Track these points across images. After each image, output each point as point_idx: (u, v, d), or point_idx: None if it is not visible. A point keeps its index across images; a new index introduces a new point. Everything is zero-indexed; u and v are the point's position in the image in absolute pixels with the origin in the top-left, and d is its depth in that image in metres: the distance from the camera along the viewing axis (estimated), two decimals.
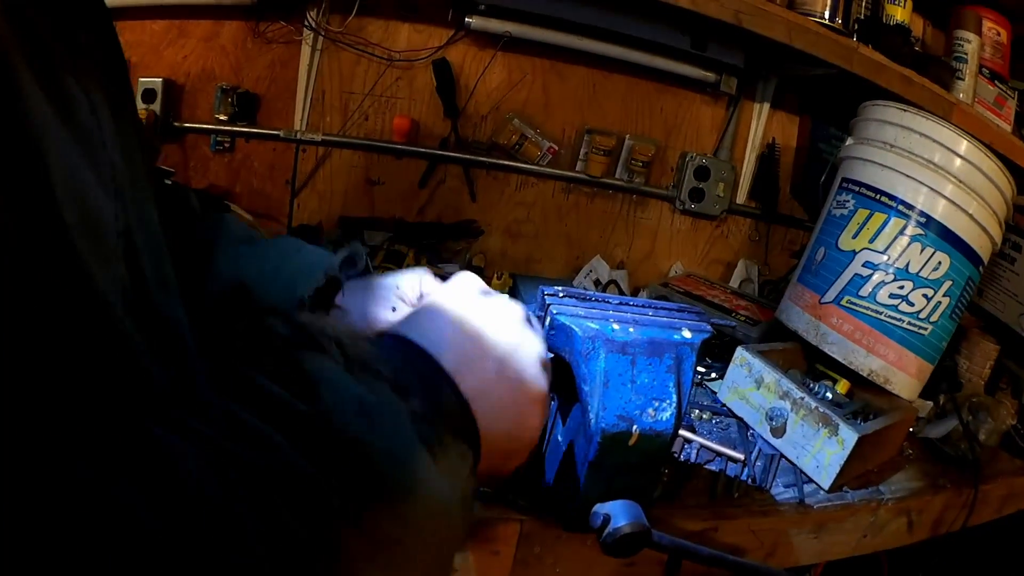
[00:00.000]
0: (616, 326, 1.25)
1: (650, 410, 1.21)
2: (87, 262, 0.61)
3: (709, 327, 1.35)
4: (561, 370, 1.29)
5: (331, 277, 1.30)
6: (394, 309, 1.30)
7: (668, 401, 1.23)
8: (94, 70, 0.78)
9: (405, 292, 1.32)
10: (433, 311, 0.96)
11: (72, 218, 0.59)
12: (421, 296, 1.31)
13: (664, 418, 1.22)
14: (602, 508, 1.26)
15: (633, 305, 1.36)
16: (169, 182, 1.42)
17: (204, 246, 1.30)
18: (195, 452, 0.59)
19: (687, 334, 1.30)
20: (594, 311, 1.29)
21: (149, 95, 2.48)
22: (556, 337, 1.27)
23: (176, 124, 2.56)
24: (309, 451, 0.65)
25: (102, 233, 0.67)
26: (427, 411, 0.77)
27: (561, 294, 1.33)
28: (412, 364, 0.84)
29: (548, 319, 1.27)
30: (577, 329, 1.23)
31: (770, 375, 1.96)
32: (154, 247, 0.83)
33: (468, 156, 2.73)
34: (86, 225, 0.62)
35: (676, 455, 1.72)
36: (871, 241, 2.09)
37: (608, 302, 1.35)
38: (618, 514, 1.23)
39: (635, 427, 1.20)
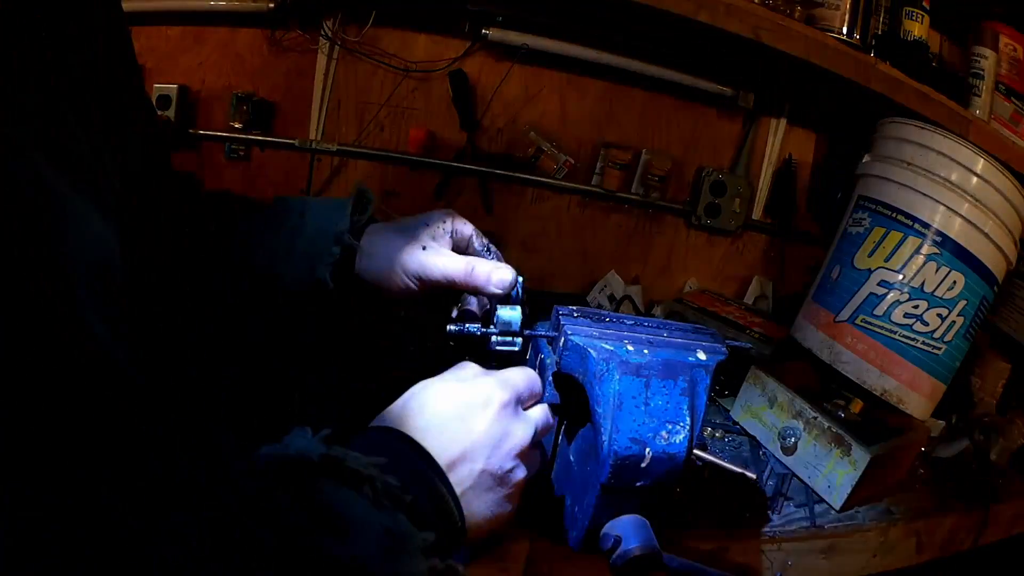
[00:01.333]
0: (630, 347, 1.25)
1: (663, 433, 1.21)
2: (87, 307, 0.61)
3: (724, 349, 1.34)
4: (574, 390, 1.29)
5: (346, 246, 1.31)
6: (424, 248, 1.32)
7: (682, 424, 1.22)
8: (91, 77, 0.78)
9: (436, 230, 1.34)
10: (426, 405, 1.07)
11: (79, 267, 0.60)
12: (452, 231, 1.33)
13: (677, 441, 1.22)
14: (612, 529, 1.26)
15: (648, 326, 1.36)
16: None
17: (217, 235, 1.32)
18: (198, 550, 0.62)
19: (702, 356, 1.29)
20: (608, 332, 1.29)
21: (164, 101, 2.48)
22: (570, 358, 1.26)
23: (191, 131, 2.56)
24: None
25: (100, 262, 0.67)
26: (438, 541, 0.86)
27: (576, 314, 1.33)
28: (421, 479, 0.96)
29: (562, 340, 1.27)
30: (591, 350, 1.22)
31: (783, 394, 1.96)
32: (165, 269, 0.83)
33: (484, 168, 2.72)
34: (91, 270, 0.63)
35: (689, 474, 1.71)
36: (887, 260, 2.08)
37: (623, 322, 1.35)
38: (629, 536, 1.23)
39: (648, 450, 1.20)
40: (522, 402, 1.17)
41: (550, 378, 1.34)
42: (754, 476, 1.68)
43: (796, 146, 3.01)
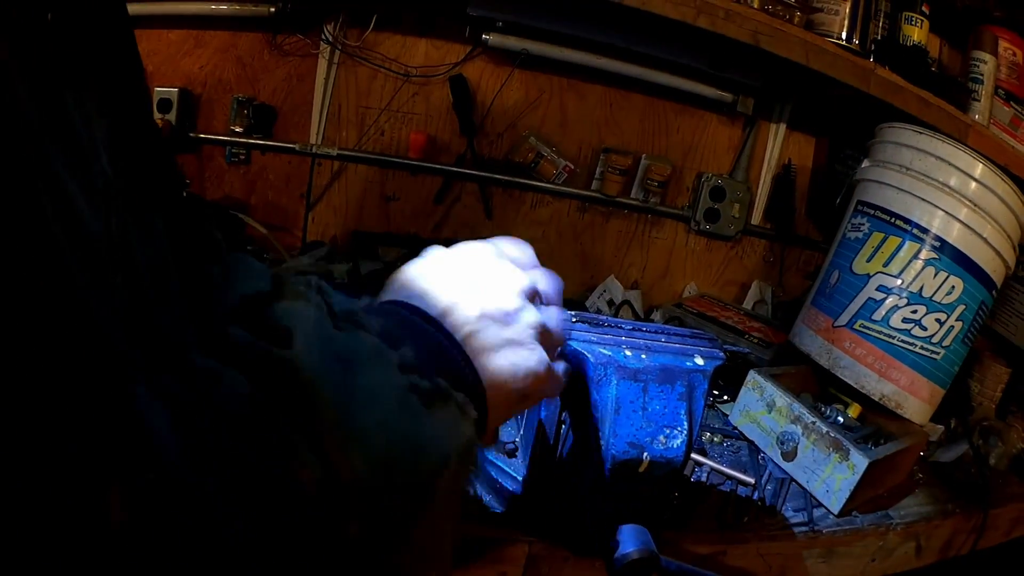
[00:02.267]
0: (628, 352, 1.25)
1: (661, 437, 1.22)
2: (75, 276, 0.61)
3: (722, 354, 1.35)
4: (575, 392, 1.29)
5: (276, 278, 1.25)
6: None
7: (679, 428, 1.23)
8: (93, 71, 0.78)
9: None
10: (404, 270, 0.93)
11: (58, 229, 0.59)
12: None
13: (675, 446, 1.22)
14: (611, 533, 1.26)
15: (646, 331, 1.36)
16: (186, 194, 1.41)
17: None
18: (166, 414, 0.59)
19: (700, 361, 1.30)
20: (607, 337, 1.30)
21: (165, 105, 2.49)
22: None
23: (192, 135, 2.56)
24: (278, 398, 0.62)
25: (89, 244, 0.67)
26: (419, 360, 0.73)
27: (574, 319, 1.33)
28: (398, 315, 0.82)
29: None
30: (589, 355, 1.23)
31: (782, 399, 1.96)
32: (157, 259, 0.83)
33: (484, 173, 2.72)
34: (73, 239, 0.63)
35: (687, 478, 1.72)
36: (885, 265, 2.09)
37: (621, 327, 1.35)
38: (627, 539, 1.23)
39: (646, 454, 1.21)
40: (508, 257, 0.99)
41: None
42: (752, 481, 1.68)
43: (795, 151, 3.02)
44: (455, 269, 0.91)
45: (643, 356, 1.25)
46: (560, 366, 1.02)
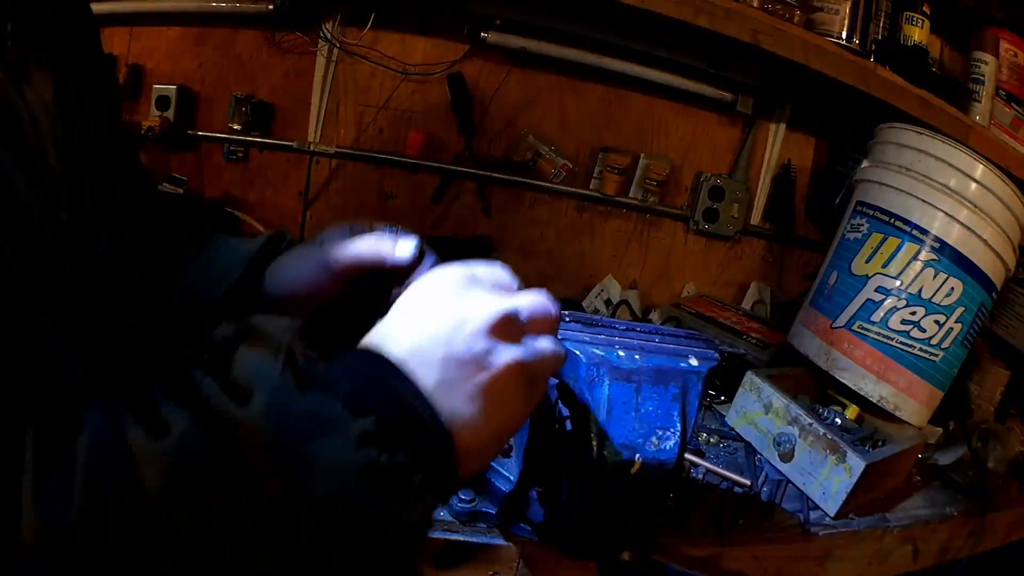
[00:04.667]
0: (622, 353, 1.25)
1: (654, 439, 1.21)
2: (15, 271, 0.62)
3: (717, 355, 1.34)
4: (569, 394, 1.28)
5: (251, 263, 1.23)
6: (322, 243, 1.22)
7: (672, 430, 1.22)
8: (50, 83, 0.78)
9: (333, 234, 1.23)
10: (389, 318, 0.88)
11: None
12: (350, 231, 1.23)
13: (668, 447, 1.22)
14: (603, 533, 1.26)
15: (640, 331, 1.36)
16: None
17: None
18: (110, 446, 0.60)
19: (694, 362, 1.29)
20: (600, 337, 1.29)
21: (163, 102, 2.48)
22: None
23: (190, 132, 2.56)
24: (227, 455, 0.63)
25: (30, 235, 0.67)
26: (382, 428, 0.72)
27: (568, 318, 1.32)
28: (368, 369, 0.79)
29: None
30: (582, 355, 1.22)
31: (779, 400, 1.95)
32: (121, 252, 0.83)
33: (482, 172, 2.72)
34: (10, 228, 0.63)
35: (683, 479, 1.71)
36: (884, 266, 2.08)
37: (615, 327, 1.34)
38: (619, 539, 1.23)
39: (638, 456, 1.20)
40: (480, 283, 0.92)
41: (552, 383, 1.34)
42: (748, 482, 1.68)
43: (795, 151, 3.01)
44: (429, 311, 0.86)
45: (637, 357, 1.25)
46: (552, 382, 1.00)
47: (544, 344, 0.89)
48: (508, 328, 0.86)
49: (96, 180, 0.82)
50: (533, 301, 0.91)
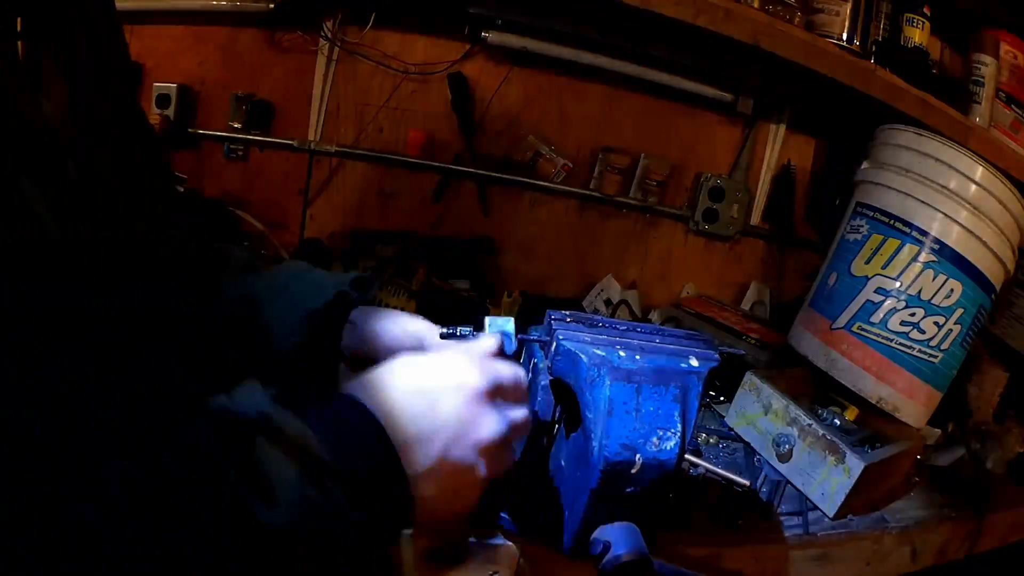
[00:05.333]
0: (622, 353, 1.25)
1: (654, 439, 1.21)
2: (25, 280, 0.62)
3: (717, 355, 1.34)
4: (566, 394, 1.28)
5: (340, 293, 1.28)
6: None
7: (673, 431, 1.22)
8: (63, 87, 0.78)
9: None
10: (398, 374, 0.99)
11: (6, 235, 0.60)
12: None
13: (668, 448, 1.22)
14: (602, 535, 1.25)
15: (640, 331, 1.36)
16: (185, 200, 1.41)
17: (211, 278, 1.28)
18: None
19: (694, 362, 1.29)
20: (601, 337, 1.29)
21: (164, 100, 2.48)
22: (561, 363, 1.26)
23: (190, 130, 2.56)
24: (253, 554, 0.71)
25: (47, 251, 0.67)
26: (372, 519, 0.84)
27: (568, 319, 1.33)
28: (366, 447, 0.88)
29: (554, 345, 1.27)
30: (583, 356, 1.22)
31: (778, 401, 1.95)
32: (140, 264, 0.83)
33: (482, 172, 2.72)
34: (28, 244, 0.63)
35: (682, 479, 1.71)
36: (884, 267, 2.08)
37: (615, 328, 1.34)
38: (618, 541, 1.23)
39: (638, 456, 1.20)
40: (502, 394, 1.07)
41: (544, 383, 1.34)
42: (748, 483, 1.67)
43: (795, 152, 3.01)
44: (443, 409, 0.98)
45: (637, 357, 1.25)
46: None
47: (504, 462, 1.06)
48: (498, 447, 1.02)
49: (111, 189, 0.82)
50: (524, 423, 1.10)
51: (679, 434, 1.22)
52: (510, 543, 1.42)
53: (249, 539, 0.70)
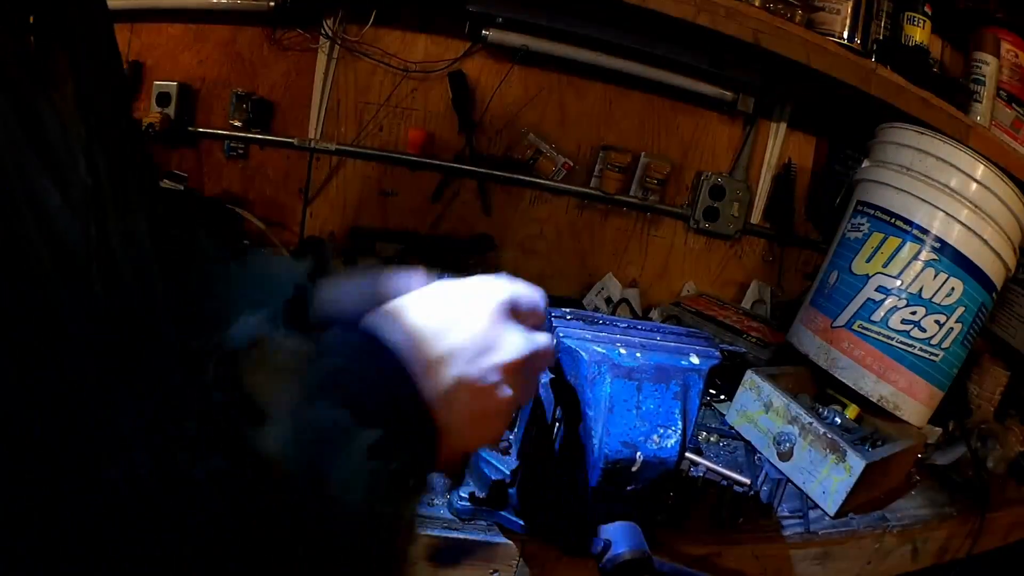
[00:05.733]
0: (623, 351, 1.25)
1: (655, 437, 1.21)
2: (49, 282, 0.61)
3: (718, 353, 1.34)
4: (566, 392, 1.28)
5: (299, 287, 1.26)
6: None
7: (673, 428, 1.22)
8: (70, 84, 0.77)
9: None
10: (409, 303, 0.94)
11: (35, 236, 0.59)
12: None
13: (669, 445, 1.22)
14: (603, 533, 1.25)
15: (641, 329, 1.36)
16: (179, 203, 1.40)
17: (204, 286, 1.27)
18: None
19: (695, 360, 1.29)
20: (601, 335, 1.29)
21: (164, 99, 2.49)
22: (562, 361, 1.26)
23: (190, 129, 2.56)
24: (256, 483, 0.68)
25: (67, 253, 0.66)
26: (386, 441, 0.76)
27: (569, 316, 1.32)
28: (378, 375, 0.83)
29: (554, 342, 1.26)
30: (583, 353, 1.22)
31: (779, 399, 1.95)
32: (140, 264, 0.82)
33: (483, 170, 2.72)
34: (50, 246, 0.62)
35: (683, 477, 1.71)
36: (885, 265, 2.08)
37: (616, 325, 1.34)
38: (619, 540, 1.23)
39: (639, 454, 1.20)
40: (522, 317, 1.01)
41: (544, 380, 1.34)
42: (748, 481, 1.67)
43: (796, 151, 3.01)
44: (460, 324, 0.92)
45: (638, 355, 1.25)
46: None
47: (529, 389, 1.03)
48: (521, 368, 0.94)
49: (116, 187, 0.81)
50: (547, 347, 1.01)
51: (680, 432, 1.22)
52: (510, 542, 1.42)
53: (246, 470, 0.68)
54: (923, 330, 2.05)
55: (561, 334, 1.26)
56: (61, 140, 0.70)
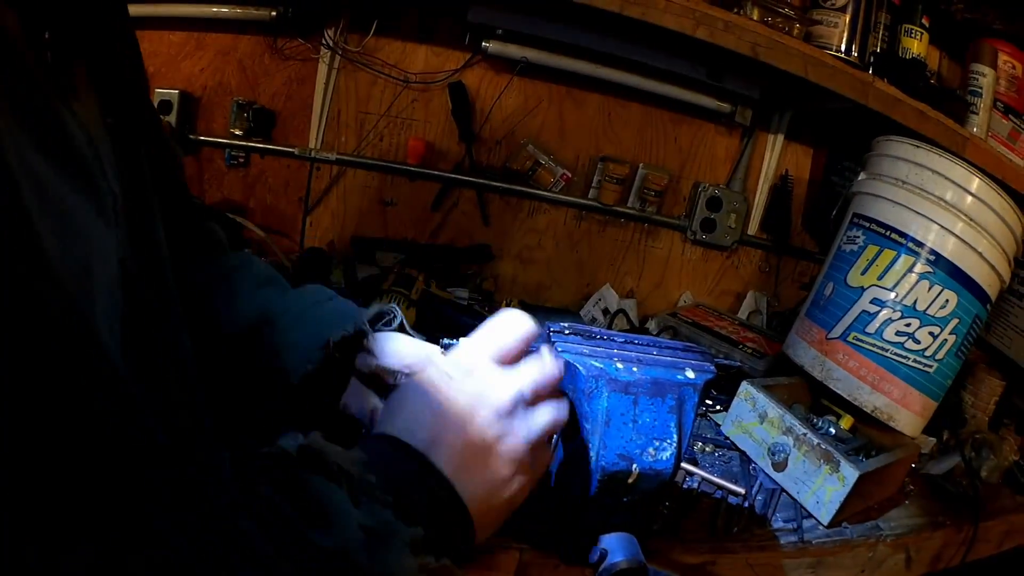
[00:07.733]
0: (620, 365, 1.26)
1: (650, 450, 1.22)
2: (77, 299, 0.62)
3: (713, 367, 1.35)
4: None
5: (359, 330, 1.28)
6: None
7: (669, 441, 1.23)
8: (92, 94, 0.78)
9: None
10: (423, 401, 0.99)
11: (56, 252, 0.60)
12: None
13: (664, 458, 1.23)
14: (600, 542, 1.27)
15: (638, 343, 1.37)
16: (197, 202, 1.41)
17: (226, 281, 1.28)
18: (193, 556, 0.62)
19: (690, 374, 1.31)
20: (599, 349, 1.30)
21: (165, 106, 2.50)
22: None
23: (191, 137, 2.58)
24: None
25: (99, 264, 0.67)
26: (430, 536, 0.82)
27: (567, 331, 1.34)
28: (415, 480, 0.91)
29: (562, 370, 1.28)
30: (581, 368, 1.23)
31: (774, 410, 1.97)
32: (157, 275, 0.83)
33: (482, 180, 2.74)
34: (76, 261, 0.63)
35: (678, 487, 1.72)
36: (880, 278, 2.09)
37: (613, 340, 1.36)
38: (615, 549, 1.24)
39: (635, 466, 1.21)
40: (531, 397, 1.05)
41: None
42: (743, 491, 1.69)
43: (793, 162, 3.03)
44: (444, 395, 0.99)
45: (634, 369, 1.26)
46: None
47: (543, 417, 1.06)
48: (516, 409, 1.01)
49: (141, 205, 0.83)
50: (536, 374, 1.07)
51: (675, 444, 1.24)
52: (508, 549, 1.43)
53: (311, 567, 0.71)
54: (917, 342, 2.06)
55: (560, 348, 1.27)
56: (89, 152, 0.72)
